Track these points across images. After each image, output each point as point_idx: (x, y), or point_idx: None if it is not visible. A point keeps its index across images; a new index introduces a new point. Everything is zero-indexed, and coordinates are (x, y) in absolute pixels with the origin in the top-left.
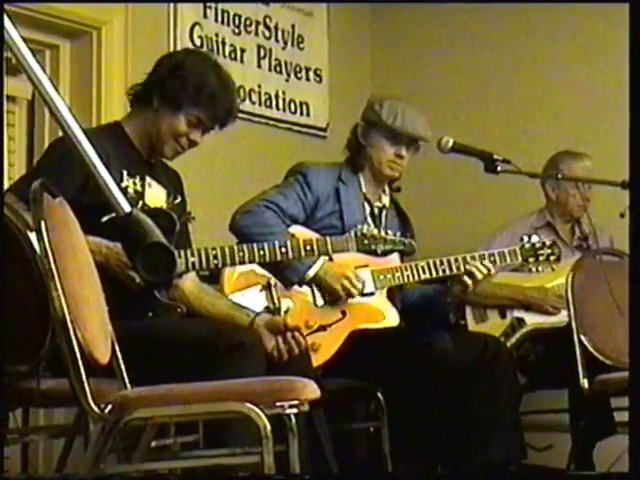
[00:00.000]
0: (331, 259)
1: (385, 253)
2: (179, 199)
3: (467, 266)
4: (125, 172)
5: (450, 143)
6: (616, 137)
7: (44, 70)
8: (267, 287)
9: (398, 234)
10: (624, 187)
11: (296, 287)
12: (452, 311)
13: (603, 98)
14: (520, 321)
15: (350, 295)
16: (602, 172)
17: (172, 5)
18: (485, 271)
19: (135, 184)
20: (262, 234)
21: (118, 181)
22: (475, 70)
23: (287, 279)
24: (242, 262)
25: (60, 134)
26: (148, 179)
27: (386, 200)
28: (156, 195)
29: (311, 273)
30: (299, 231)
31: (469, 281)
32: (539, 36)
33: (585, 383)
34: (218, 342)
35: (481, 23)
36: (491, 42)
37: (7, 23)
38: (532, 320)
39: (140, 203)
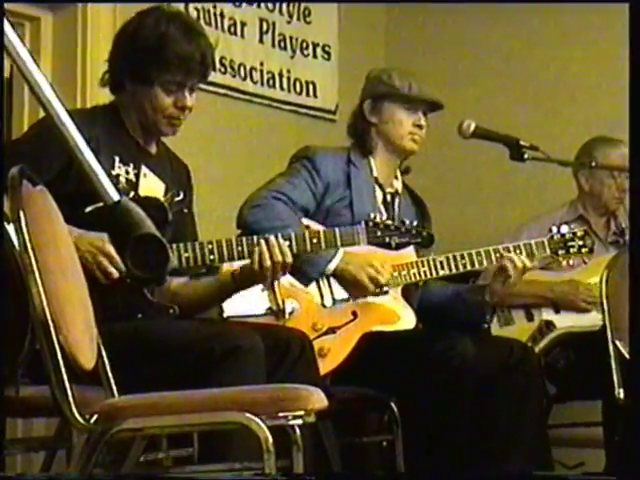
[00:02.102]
0: None
1: (400, 246)
2: (181, 196)
3: (502, 260)
4: (117, 159)
5: (472, 127)
6: None
7: (24, 44)
8: (270, 286)
9: (414, 223)
10: None
11: (301, 286)
12: (489, 312)
13: None
14: (549, 324)
15: (378, 285)
16: None
17: None
18: (520, 265)
19: (128, 173)
20: (274, 228)
21: (109, 168)
22: (499, 47)
23: (305, 275)
24: (241, 257)
25: (42, 115)
26: (144, 169)
27: (398, 185)
28: (152, 187)
29: (332, 266)
30: (311, 224)
31: (511, 272)
32: (571, 7)
33: (621, 393)
34: (213, 346)
35: None
36: (517, 15)
37: None
38: (562, 323)
39: (132, 194)
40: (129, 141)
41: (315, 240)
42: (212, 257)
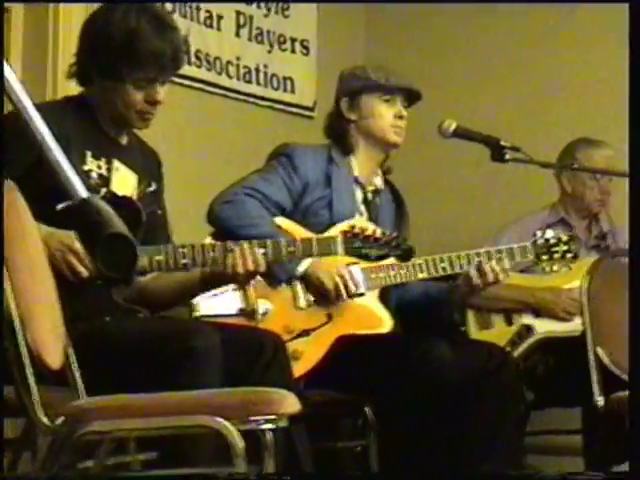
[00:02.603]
0: None
1: (378, 258)
2: (153, 187)
3: (481, 265)
4: (89, 153)
5: (452, 127)
6: None
7: None
8: (243, 286)
9: (394, 234)
10: None
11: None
12: (458, 312)
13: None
14: (529, 329)
15: (339, 297)
16: (624, 163)
17: None
18: (501, 275)
19: (100, 167)
20: (244, 227)
21: (80, 163)
22: (481, 46)
23: (274, 276)
24: (214, 263)
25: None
26: (116, 162)
27: (379, 182)
28: (125, 181)
29: (301, 269)
30: (284, 223)
31: (479, 281)
32: (555, 6)
33: (601, 401)
34: (168, 347)
35: None
36: (501, 12)
37: None
38: (543, 328)
39: (105, 189)
40: (100, 134)
41: (291, 249)
42: (185, 261)
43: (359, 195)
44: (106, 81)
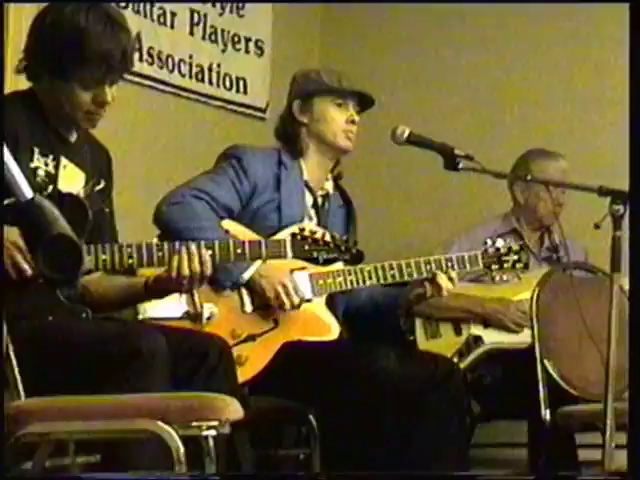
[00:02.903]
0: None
1: (328, 261)
2: (102, 184)
3: (436, 272)
4: (37, 150)
5: (406, 133)
6: (596, 136)
7: None
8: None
9: (344, 238)
10: (602, 194)
11: (222, 291)
12: (404, 317)
13: (585, 90)
14: (477, 339)
15: (281, 307)
16: (578, 175)
17: None
18: (451, 286)
19: (47, 165)
20: (190, 229)
21: (27, 160)
22: (437, 52)
23: (218, 282)
24: (161, 263)
25: None
26: (63, 160)
27: (329, 186)
28: (72, 178)
29: (246, 276)
30: (232, 227)
31: (429, 290)
32: (513, 13)
33: (547, 415)
34: (112, 349)
35: None
36: (456, 19)
37: None
38: (491, 339)
39: (51, 187)
40: (48, 131)
41: (239, 250)
42: (131, 261)
43: (309, 199)
44: (54, 79)
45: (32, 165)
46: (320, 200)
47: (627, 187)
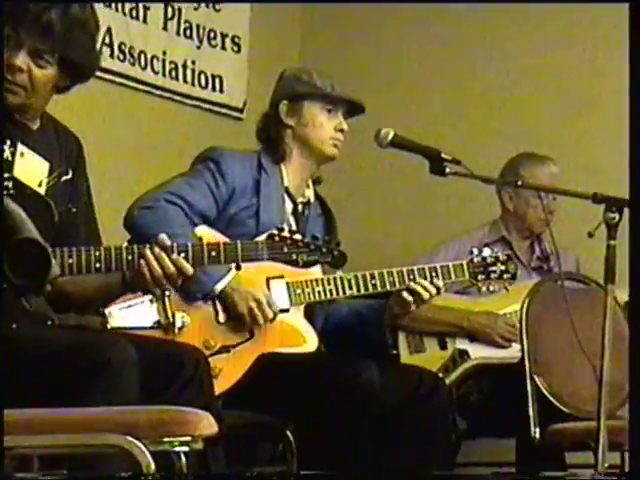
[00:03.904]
0: (239, 267)
1: (307, 264)
2: (69, 174)
3: (411, 283)
4: None
5: (390, 136)
6: (589, 141)
7: None
8: (160, 298)
9: (326, 239)
10: (595, 201)
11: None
12: (389, 332)
13: (577, 93)
14: (463, 354)
15: (255, 322)
16: (570, 181)
17: None
18: (434, 291)
19: (3, 151)
20: None
21: None
22: (424, 52)
23: (189, 292)
24: (131, 267)
25: None
26: (21, 147)
27: (310, 194)
28: (32, 168)
29: (218, 288)
30: (206, 233)
31: (411, 300)
32: (502, 14)
33: (536, 433)
34: (80, 359)
35: None
36: (444, 18)
37: None
38: (478, 353)
39: (7, 175)
40: (4, 116)
41: (214, 253)
42: (98, 265)
43: (289, 206)
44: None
45: None
46: (300, 207)
47: (621, 193)
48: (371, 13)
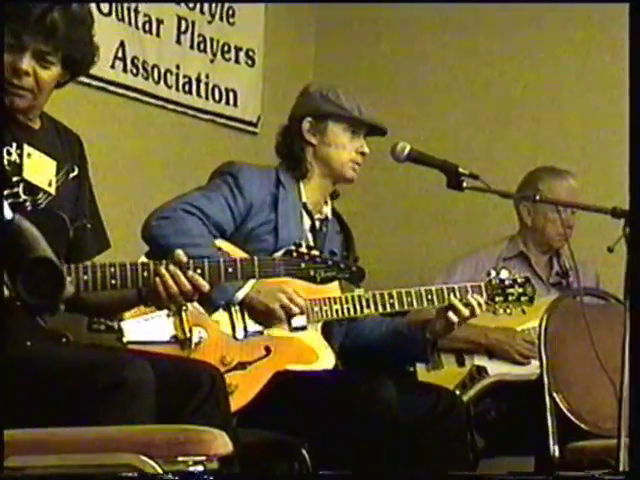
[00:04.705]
0: None
1: (325, 280)
2: (76, 171)
3: (452, 299)
4: None
5: (407, 150)
6: (609, 153)
7: None
8: (177, 312)
9: (344, 255)
10: (615, 215)
11: (211, 315)
12: (430, 351)
13: (596, 104)
14: (481, 370)
15: (291, 314)
16: (589, 195)
17: None
18: (477, 308)
19: (10, 154)
20: (182, 245)
21: None
22: (440, 62)
23: (212, 301)
24: (146, 284)
25: None
26: (27, 148)
27: (327, 211)
28: (41, 167)
29: (241, 295)
30: (225, 246)
31: (454, 317)
32: (521, 23)
33: (556, 450)
34: (96, 378)
35: (449, 4)
36: (460, 28)
37: None
38: (496, 370)
39: (17, 178)
40: (6, 117)
41: (231, 269)
42: (114, 282)
43: (307, 222)
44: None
45: None
46: (318, 224)
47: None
48: (386, 26)
